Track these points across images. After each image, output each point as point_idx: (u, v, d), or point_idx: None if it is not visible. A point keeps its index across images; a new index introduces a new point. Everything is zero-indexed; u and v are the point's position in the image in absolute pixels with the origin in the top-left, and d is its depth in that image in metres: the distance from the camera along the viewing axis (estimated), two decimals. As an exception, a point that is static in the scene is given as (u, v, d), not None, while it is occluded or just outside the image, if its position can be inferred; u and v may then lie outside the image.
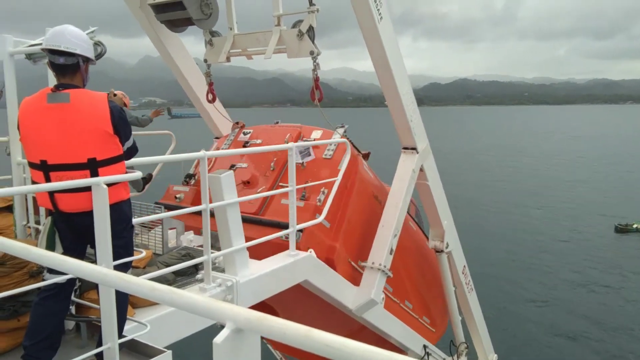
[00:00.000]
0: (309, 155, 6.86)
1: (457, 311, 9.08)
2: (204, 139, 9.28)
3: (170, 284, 4.95)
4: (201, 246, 5.08)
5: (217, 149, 8.03)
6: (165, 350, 3.58)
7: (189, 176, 7.42)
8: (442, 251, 8.24)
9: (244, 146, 7.35)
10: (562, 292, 53.06)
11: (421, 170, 7.44)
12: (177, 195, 7.00)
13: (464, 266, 9.11)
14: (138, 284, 1.63)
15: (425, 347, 8.38)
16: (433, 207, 7.94)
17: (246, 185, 6.80)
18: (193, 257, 5.05)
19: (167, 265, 4.78)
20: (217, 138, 8.54)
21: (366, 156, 7.65)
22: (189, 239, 6.02)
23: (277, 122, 8.34)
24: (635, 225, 71.14)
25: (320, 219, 6.06)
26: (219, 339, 1.37)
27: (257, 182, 6.90)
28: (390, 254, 6.95)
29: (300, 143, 6.87)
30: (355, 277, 6.82)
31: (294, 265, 5.64)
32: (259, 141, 7.57)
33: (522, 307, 48.85)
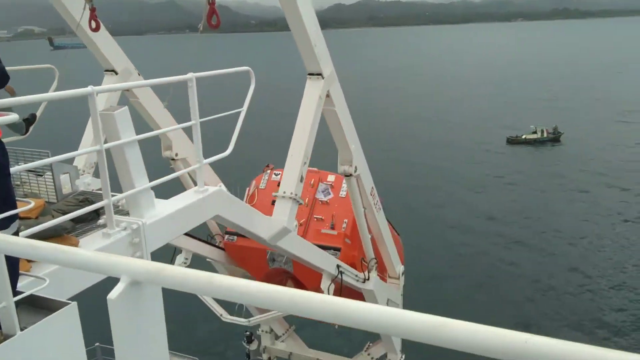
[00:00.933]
0: (329, 194, 10.45)
1: (366, 230, 9.53)
2: (94, 73, 8.46)
3: (69, 233, 4.64)
4: (100, 189, 4.77)
5: (256, 188, 10.69)
6: (70, 302, 3.40)
7: None
8: (351, 175, 8.46)
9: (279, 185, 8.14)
10: (460, 194, 57.73)
11: (327, 96, 7.40)
12: None
13: (372, 188, 9.47)
14: (16, 243, 1.46)
15: (338, 266, 8.79)
16: (341, 132, 8.02)
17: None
18: (92, 202, 4.74)
19: (64, 213, 4.44)
20: (107, 71, 7.82)
21: None
22: (86, 182, 5.62)
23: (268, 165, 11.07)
24: (524, 137, 78.32)
25: None
26: (113, 294, 1.27)
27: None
28: (301, 181, 7.01)
29: (199, 74, 6.47)
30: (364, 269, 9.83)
31: (203, 202, 5.51)
32: None
33: (425, 211, 52.43)
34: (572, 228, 45.54)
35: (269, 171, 10.82)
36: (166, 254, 9.94)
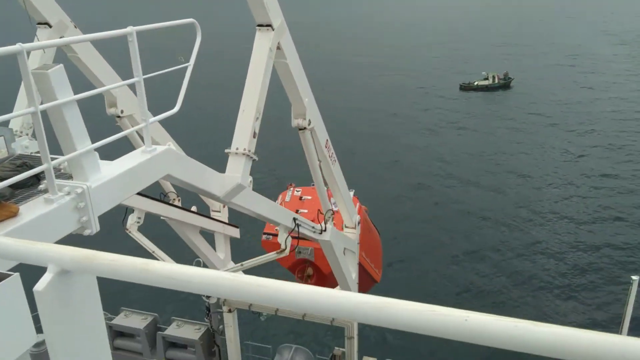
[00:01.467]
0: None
1: (322, 183, 9.57)
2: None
3: (7, 200, 4.40)
4: (39, 152, 4.50)
5: (282, 201, 12.77)
6: (12, 273, 3.26)
7: None
8: (305, 128, 8.37)
9: (300, 199, 11.64)
10: (415, 139, 59.43)
11: (278, 48, 7.17)
12: None
13: (327, 140, 9.44)
14: None
15: (295, 219, 8.85)
16: (293, 85, 7.85)
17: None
18: (32, 167, 4.48)
19: (1, 179, 4.19)
20: (40, 24, 7.23)
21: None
22: (24, 145, 5.31)
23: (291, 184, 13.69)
24: (476, 83, 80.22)
25: None
26: (40, 285, 1.19)
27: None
28: (254, 137, 6.89)
29: (140, 27, 6.08)
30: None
31: (151, 162, 5.32)
32: (309, 197, 12.91)
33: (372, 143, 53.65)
34: (521, 167, 48.33)
35: (291, 188, 13.60)
36: (118, 214, 9.72)
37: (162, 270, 1.13)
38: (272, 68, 7.11)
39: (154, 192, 10.62)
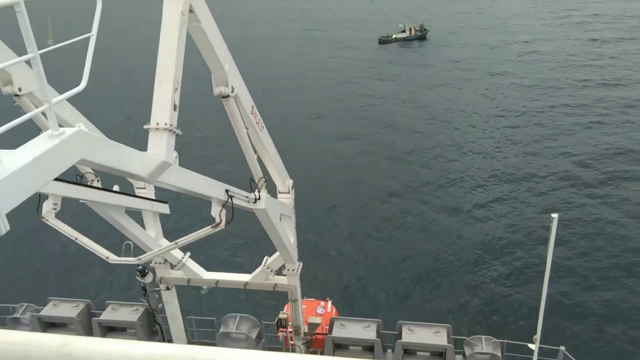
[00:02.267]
0: None
1: (251, 151, 9.26)
2: None
3: None
4: None
5: None
6: None
7: None
8: (228, 96, 7.96)
9: None
10: (336, 92, 61.02)
11: (191, 11, 6.63)
12: None
13: (252, 106, 9.08)
14: None
15: (227, 191, 8.53)
16: (211, 51, 7.36)
17: None
18: None
19: None
20: None
21: None
22: None
23: None
24: (394, 36, 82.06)
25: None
26: None
27: None
28: (175, 110, 6.43)
29: None
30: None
31: (60, 147, 4.78)
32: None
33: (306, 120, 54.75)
34: (436, 117, 50.96)
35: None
36: (31, 201, 8.92)
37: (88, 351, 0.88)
38: (186, 33, 6.59)
39: (70, 175, 9.82)
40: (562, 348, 12.21)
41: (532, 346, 9.35)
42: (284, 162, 11.52)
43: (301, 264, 12.80)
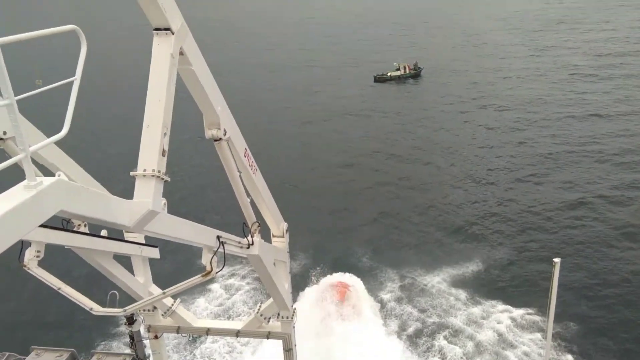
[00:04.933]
0: None
1: (244, 194, 8.94)
2: None
3: None
4: None
5: None
6: None
7: None
8: (220, 139, 7.69)
9: None
10: (332, 127, 62.72)
11: (181, 53, 6.42)
12: None
13: (245, 149, 8.81)
14: None
15: (218, 237, 8.14)
16: (203, 93, 7.13)
17: None
18: None
19: None
20: None
21: None
22: None
23: None
24: (389, 74, 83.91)
25: None
26: None
27: None
28: (164, 155, 6.13)
29: (9, 38, 5.12)
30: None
31: (37, 199, 4.45)
32: None
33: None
34: (431, 150, 52.06)
35: None
36: (13, 248, 8.50)
37: None
38: (176, 76, 6.36)
39: (54, 220, 9.42)
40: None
41: None
42: (278, 204, 11.17)
43: (295, 309, 12.28)
